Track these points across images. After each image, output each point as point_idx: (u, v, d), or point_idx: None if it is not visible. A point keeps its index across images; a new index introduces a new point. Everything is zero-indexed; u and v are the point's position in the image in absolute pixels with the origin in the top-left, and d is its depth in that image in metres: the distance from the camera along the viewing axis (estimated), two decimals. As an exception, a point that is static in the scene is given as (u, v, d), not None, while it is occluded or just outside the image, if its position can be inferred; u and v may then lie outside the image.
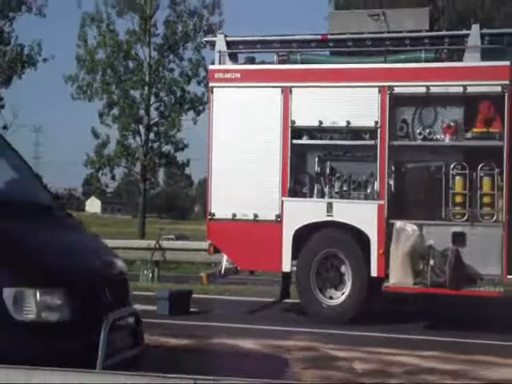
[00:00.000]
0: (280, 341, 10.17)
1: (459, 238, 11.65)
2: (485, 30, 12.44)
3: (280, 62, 12.94)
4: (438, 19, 23.89)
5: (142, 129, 30.87)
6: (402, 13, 13.99)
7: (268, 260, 12.33)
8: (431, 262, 11.47)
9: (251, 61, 13.20)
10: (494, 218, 11.59)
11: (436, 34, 13.06)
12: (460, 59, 12.23)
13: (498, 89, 11.52)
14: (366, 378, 8.52)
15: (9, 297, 5.63)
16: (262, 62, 13.27)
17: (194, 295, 13.02)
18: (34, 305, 5.70)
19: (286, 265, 12.24)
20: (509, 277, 11.72)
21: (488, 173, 11.66)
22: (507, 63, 11.80)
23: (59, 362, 4.75)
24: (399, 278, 11.70)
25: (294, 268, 12.30)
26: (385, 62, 12.24)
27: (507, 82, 11.50)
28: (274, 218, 12.26)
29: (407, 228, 11.70)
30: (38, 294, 5.74)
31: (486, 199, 11.68)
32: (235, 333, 10.49)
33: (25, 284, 5.77)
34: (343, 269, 12.03)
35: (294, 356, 9.44)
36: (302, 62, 12.65)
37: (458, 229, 11.72)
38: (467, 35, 12.25)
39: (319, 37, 13.09)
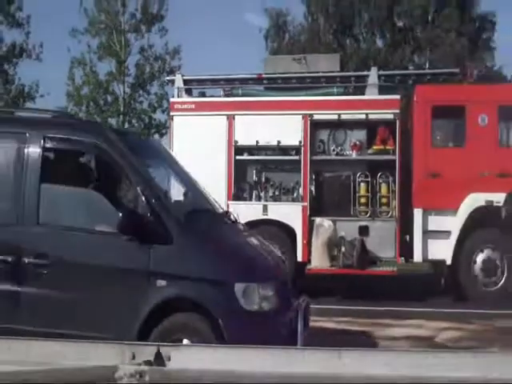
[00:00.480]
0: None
1: (364, 230, 11.81)
2: (381, 72, 12.72)
3: (225, 95, 13.01)
4: (347, 62, 24.18)
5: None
6: (319, 57, 14.24)
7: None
8: (343, 249, 11.60)
9: (203, 94, 13.21)
10: (390, 214, 11.79)
11: (345, 74, 13.27)
12: (363, 93, 12.43)
13: (391, 116, 11.75)
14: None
15: (239, 290, 5.49)
16: (211, 96, 13.31)
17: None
18: (257, 297, 5.57)
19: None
20: (401, 259, 11.98)
21: (385, 180, 11.86)
22: (398, 97, 12.09)
23: (273, 343, 4.68)
24: (319, 262, 11.82)
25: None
26: (306, 95, 12.38)
27: (398, 111, 11.77)
28: None
29: (324, 223, 11.82)
30: (259, 288, 5.60)
31: (384, 200, 11.86)
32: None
33: (250, 280, 5.64)
34: None
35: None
36: (243, 95, 12.71)
37: (363, 223, 11.87)
38: (368, 75, 12.50)
39: (256, 75, 13.18)
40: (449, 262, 11.52)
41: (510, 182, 10.68)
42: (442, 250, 11.48)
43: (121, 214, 5.53)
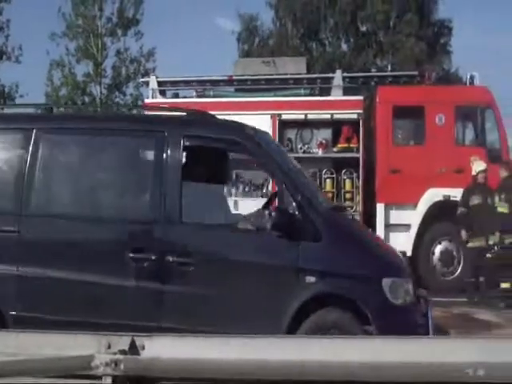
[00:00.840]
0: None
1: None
2: (345, 74, 12.79)
3: (198, 97, 12.94)
4: (314, 65, 24.26)
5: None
6: (286, 60, 14.26)
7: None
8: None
9: (176, 96, 13.12)
10: (354, 208, 11.86)
11: (311, 76, 13.31)
12: (328, 94, 12.49)
13: (355, 116, 11.82)
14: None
15: (386, 285, 5.37)
16: (185, 97, 13.23)
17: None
18: (402, 291, 5.47)
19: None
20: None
21: (349, 176, 11.94)
22: (361, 98, 12.18)
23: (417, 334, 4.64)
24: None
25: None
26: (274, 96, 12.38)
27: (361, 111, 11.85)
28: None
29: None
30: (403, 283, 5.53)
31: (348, 195, 11.94)
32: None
33: (396, 275, 5.56)
34: None
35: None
36: (214, 96, 12.67)
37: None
38: (333, 77, 12.56)
39: (227, 77, 13.15)
40: (409, 253, 11.62)
41: (466, 178, 10.81)
42: (403, 243, 11.55)
43: (269, 212, 5.44)
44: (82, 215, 5.62)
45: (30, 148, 5.57)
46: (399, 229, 11.64)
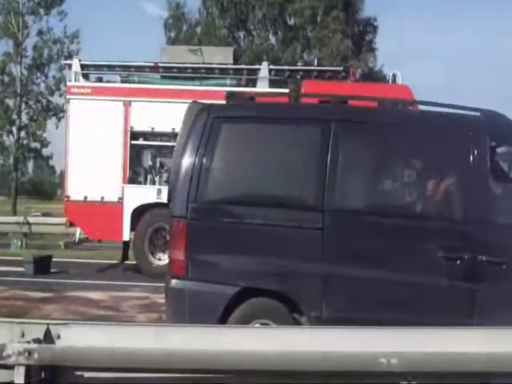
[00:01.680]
0: (122, 292, 9.97)
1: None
2: (272, 66, 12.83)
3: (122, 82, 12.70)
4: (241, 56, 24.27)
5: (14, 129, 29.57)
6: (213, 50, 14.19)
7: (112, 231, 12.08)
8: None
9: (100, 80, 12.86)
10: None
11: (238, 67, 13.29)
12: (254, 86, 12.51)
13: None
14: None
15: None
16: (108, 81, 12.97)
17: (54, 259, 12.50)
18: None
19: (126, 235, 12.05)
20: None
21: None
22: (286, 91, 12.25)
23: None
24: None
25: (132, 237, 12.15)
26: (200, 85, 12.31)
27: (285, 104, 11.93)
28: (116, 199, 12.03)
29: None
30: None
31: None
32: (87, 287, 10.19)
33: None
34: (169, 237, 11.95)
35: (132, 303, 9.30)
36: (139, 82, 12.47)
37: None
38: (259, 69, 12.59)
39: (152, 64, 12.97)
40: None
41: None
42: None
43: None
44: (387, 211, 5.26)
45: (331, 141, 5.15)
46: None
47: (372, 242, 5.11)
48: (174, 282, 5.11)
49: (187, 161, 5.12)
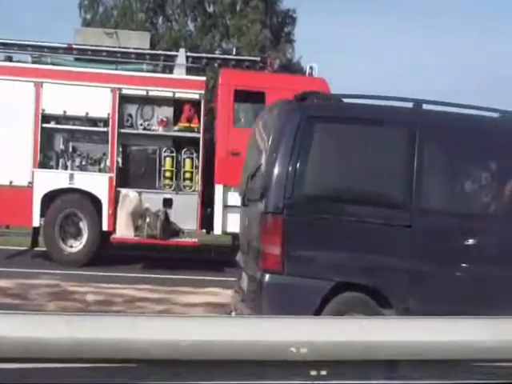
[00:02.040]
0: (31, 280, 9.67)
1: (168, 203, 11.81)
2: (189, 53, 12.72)
3: (34, 62, 12.20)
4: (159, 41, 23.90)
5: None
6: (130, 34, 13.93)
7: (22, 217, 11.64)
8: (147, 220, 11.51)
9: (9, 59, 12.30)
10: (193, 188, 11.89)
11: (154, 52, 13.09)
12: (171, 72, 12.37)
13: (197, 96, 11.81)
14: (95, 306, 8.39)
15: None
16: (19, 61, 12.43)
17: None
18: None
19: (36, 221, 11.62)
20: (202, 231, 12.17)
21: (189, 156, 11.93)
22: (204, 78, 12.22)
23: None
24: (123, 231, 11.64)
25: (43, 223, 11.75)
26: (116, 69, 12.03)
27: (203, 92, 11.87)
28: (26, 184, 11.60)
29: (130, 194, 11.66)
30: None
31: (187, 175, 11.93)
32: (-7, 275, 9.80)
33: None
34: (81, 224, 11.67)
35: (41, 291, 9.03)
36: (52, 64, 12.04)
37: (167, 196, 11.85)
38: (176, 55, 12.45)
39: (66, 45, 12.54)
40: (245, 234, 11.91)
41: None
42: (240, 224, 11.83)
43: None
44: (467, 210, 5.61)
45: (417, 143, 5.44)
46: (237, 210, 11.75)
47: (455, 239, 5.50)
48: (269, 276, 5.23)
49: (282, 159, 5.30)
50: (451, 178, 5.86)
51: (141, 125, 11.97)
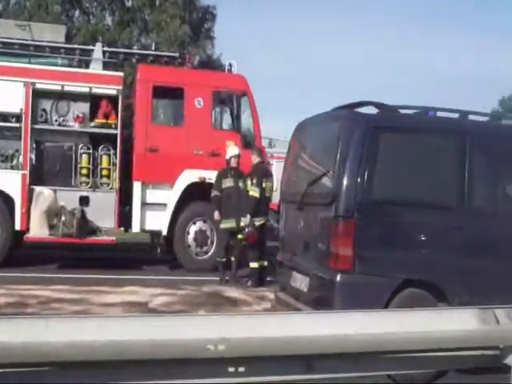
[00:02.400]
0: None
1: (84, 200, 11.55)
2: (106, 48, 12.48)
3: None
4: (75, 35, 23.31)
5: None
6: (44, 27, 13.53)
7: None
8: (63, 218, 11.22)
9: None
10: (110, 186, 11.69)
11: (70, 46, 12.74)
12: (88, 67, 12.10)
13: (114, 92, 11.61)
14: (7, 309, 8.07)
15: None
16: None
17: None
18: None
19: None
20: (120, 229, 11.99)
21: (106, 152, 11.73)
22: (121, 74, 12.01)
23: None
24: (38, 230, 11.30)
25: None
26: (29, 63, 11.64)
27: (120, 88, 11.66)
28: None
29: (44, 192, 11.33)
30: None
31: (105, 172, 11.73)
32: None
33: None
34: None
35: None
36: (-40, 56, 11.54)
37: (83, 193, 11.60)
38: (93, 50, 12.19)
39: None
40: (165, 232, 11.83)
41: (222, 161, 11.23)
42: (159, 222, 11.74)
43: None
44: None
45: (468, 150, 5.99)
46: (155, 208, 11.75)
47: (503, 238, 6.08)
48: (341, 275, 5.67)
49: (351, 167, 5.76)
50: (498, 181, 6.43)
51: (56, 120, 11.65)
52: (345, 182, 5.75)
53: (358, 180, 5.73)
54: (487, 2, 67.15)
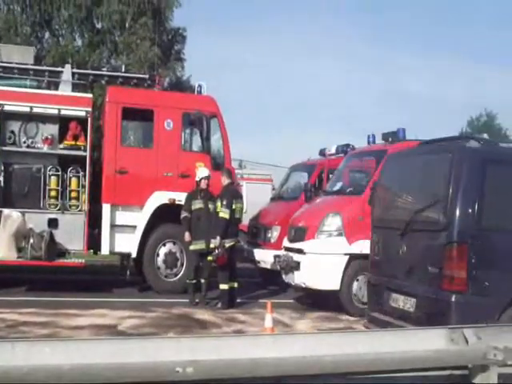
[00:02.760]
0: None
1: (53, 223, 11.45)
2: (75, 70, 12.47)
3: None
4: (45, 57, 23.21)
5: None
6: (12, 48, 13.47)
7: None
8: (31, 241, 11.10)
9: None
10: (79, 208, 11.59)
11: (38, 68, 12.71)
12: (57, 89, 12.06)
13: (84, 113, 11.55)
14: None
15: None
16: None
17: None
18: None
19: None
20: (89, 251, 11.89)
21: (75, 174, 11.65)
22: (90, 95, 12.00)
23: None
24: (5, 253, 11.15)
25: None
26: (-3, 84, 11.59)
27: (89, 109, 11.62)
28: None
29: (13, 214, 11.20)
30: None
31: (74, 194, 11.64)
32: None
33: None
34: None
35: None
36: None
37: (52, 215, 11.49)
38: (62, 72, 12.16)
39: None
40: (134, 254, 11.76)
41: (191, 183, 11.25)
42: (128, 244, 11.67)
43: None
44: None
45: None
46: (125, 230, 11.68)
47: None
48: (456, 296, 6.18)
49: (464, 197, 6.32)
50: None
51: (24, 142, 11.56)
52: (458, 210, 6.29)
53: (470, 208, 6.30)
54: (454, 24, 68.73)
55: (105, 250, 11.64)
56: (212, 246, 10.55)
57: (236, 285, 10.74)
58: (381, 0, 71.03)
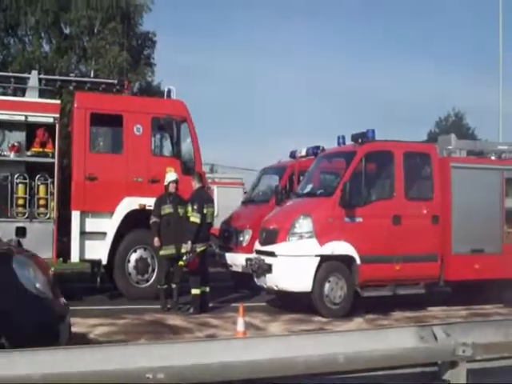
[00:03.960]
0: None
1: (21, 231, 11.23)
2: (42, 76, 12.34)
3: None
4: (11, 63, 22.95)
5: None
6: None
7: None
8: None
9: None
10: (48, 215, 11.45)
11: (4, 74, 12.57)
12: (23, 95, 11.92)
13: (51, 120, 11.42)
14: None
15: None
16: None
17: None
18: None
19: None
20: (58, 259, 11.74)
21: (43, 182, 11.50)
22: (58, 102, 11.87)
23: None
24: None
25: None
26: (-39, 92, 11.43)
27: (58, 115, 11.49)
28: None
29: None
30: None
31: (42, 201, 11.49)
32: None
33: None
34: None
35: None
36: None
37: (20, 224, 11.30)
38: (29, 78, 12.03)
39: None
40: (105, 261, 11.64)
41: (161, 188, 11.19)
42: (99, 250, 11.54)
43: None
44: None
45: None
46: (95, 237, 11.56)
47: None
48: None
49: None
50: None
51: (-10, 150, 11.39)
52: None
53: None
54: (422, 27, 69.62)
55: (74, 257, 11.51)
56: (183, 250, 10.50)
57: (208, 289, 10.71)
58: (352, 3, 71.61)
